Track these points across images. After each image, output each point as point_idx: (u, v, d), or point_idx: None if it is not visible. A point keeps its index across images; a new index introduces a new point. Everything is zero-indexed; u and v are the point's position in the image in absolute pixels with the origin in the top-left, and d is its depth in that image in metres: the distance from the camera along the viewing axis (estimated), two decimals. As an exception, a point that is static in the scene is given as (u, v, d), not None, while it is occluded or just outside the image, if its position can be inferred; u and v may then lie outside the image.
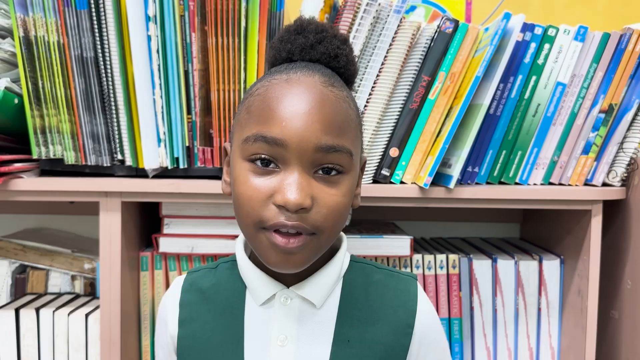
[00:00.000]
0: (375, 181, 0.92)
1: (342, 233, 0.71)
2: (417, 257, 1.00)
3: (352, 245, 0.97)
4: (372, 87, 0.90)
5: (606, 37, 0.93)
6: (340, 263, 0.68)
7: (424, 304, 0.70)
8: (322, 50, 0.66)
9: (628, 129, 0.96)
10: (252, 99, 0.63)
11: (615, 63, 0.93)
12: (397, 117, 0.91)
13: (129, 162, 0.90)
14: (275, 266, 0.61)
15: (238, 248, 0.70)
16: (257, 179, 0.60)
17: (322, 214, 0.59)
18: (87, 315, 0.94)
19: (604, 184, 0.97)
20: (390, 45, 0.89)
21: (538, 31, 0.92)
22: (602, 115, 0.94)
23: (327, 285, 0.67)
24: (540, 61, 0.92)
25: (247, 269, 0.68)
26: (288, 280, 0.66)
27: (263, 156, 0.59)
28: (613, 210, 1.02)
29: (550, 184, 0.96)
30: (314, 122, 0.58)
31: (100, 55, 0.87)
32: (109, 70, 0.87)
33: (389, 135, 0.91)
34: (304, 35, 0.66)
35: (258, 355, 0.66)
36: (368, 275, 0.70)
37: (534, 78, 0.93)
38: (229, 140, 0.83)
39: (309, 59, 0.67)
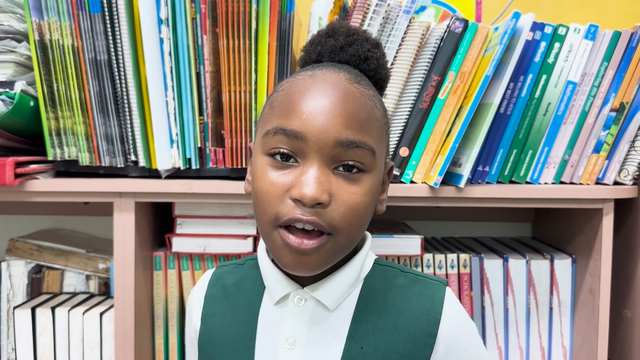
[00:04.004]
0: (385, 181, 0.93)
1: (367, 233, 0.68)
2: (428, 256, 1.01)
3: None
4: (382, 87, 0.90)
5: (617, 36, 0.92)
6: (360, 264, 0.65)
7: (451, 311, 0.64)
8: (351, 52, 0.65)
9: (639, 128, 0.95)
10: (276, 95, 0.62)
11: (626, 61, 0.93)
12: (407, 116, 0.91)
13: (142, 163, 0.91)
14: (288, 267, 0.59)
15: (260, 246, 0.69)
16: (275, 173, 0.58)
17: (339, 212, 0.57)
18: (101, 314, 0.95)
19: (616, 183, 0.97)
20: (400, 45, 0.90)
21: (548, 30, 0.92)
22: (613, 114, 0.94)
23: (342, 287, 0.63)
24: (550, 60, 0.92)
25: (265, 267, 0.67)
26: (304, 280, 0.64)
27: (282, 150, 0.58)
28: (625, 209, 1.02)
29: (562, 183, 0.96)
30: (335, 116, 0.57)
31: (114, 57, 0.88)
32: (122, 73, 0.88)
33: (399, 135, 0.92)
34: (335, 38, 0.66)
35: (268, 356, 0.63)
36: (390, 279, 0.66)
37: (544, 77, 0.93)
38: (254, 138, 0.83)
39: (338, 60, 0.65)
